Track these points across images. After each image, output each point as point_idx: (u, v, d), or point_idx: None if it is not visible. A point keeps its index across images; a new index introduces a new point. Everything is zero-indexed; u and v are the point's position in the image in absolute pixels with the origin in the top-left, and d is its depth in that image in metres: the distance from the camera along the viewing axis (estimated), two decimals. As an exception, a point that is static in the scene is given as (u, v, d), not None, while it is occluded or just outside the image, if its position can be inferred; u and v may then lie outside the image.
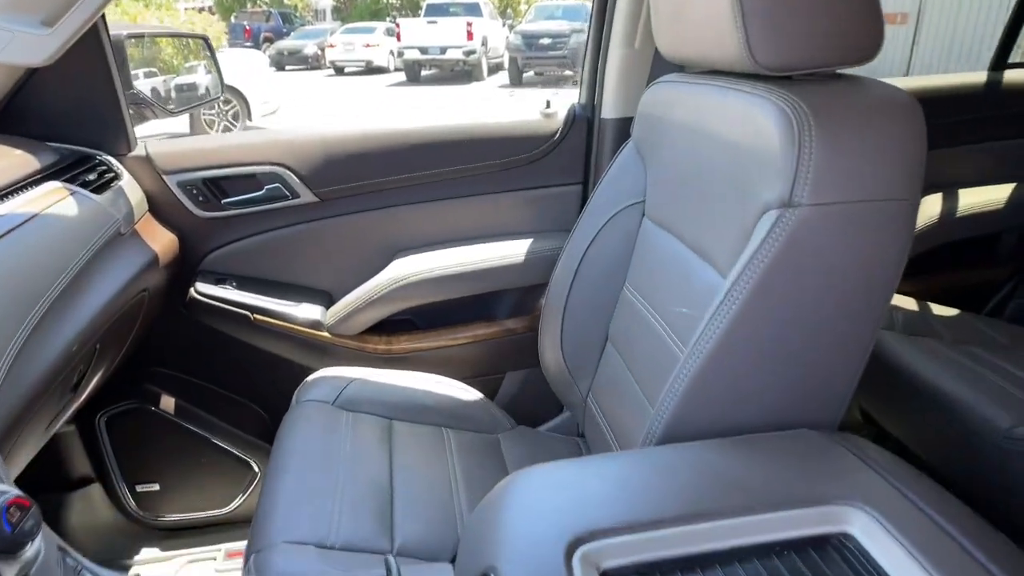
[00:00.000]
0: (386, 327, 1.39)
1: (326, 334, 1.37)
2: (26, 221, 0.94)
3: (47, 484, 1.37)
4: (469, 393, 1.27)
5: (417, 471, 1.07)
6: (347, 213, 1.37)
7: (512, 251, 1.38)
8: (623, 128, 1.30)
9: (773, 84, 0.80)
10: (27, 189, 1.02)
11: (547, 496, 0.70)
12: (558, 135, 1.37)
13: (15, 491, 0.59)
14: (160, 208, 1.30)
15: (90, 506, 1.42)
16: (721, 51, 0.83)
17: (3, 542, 0.54)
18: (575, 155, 1.40)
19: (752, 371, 0.77)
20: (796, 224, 0.71)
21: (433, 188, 1.38)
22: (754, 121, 0.78)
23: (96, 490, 1.43)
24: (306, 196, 1.33)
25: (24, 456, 0.95)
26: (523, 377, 1.48)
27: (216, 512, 1.47)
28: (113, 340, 1.14)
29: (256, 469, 1.46)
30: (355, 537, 0.93)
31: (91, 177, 1.16)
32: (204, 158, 1.29)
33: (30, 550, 0.57)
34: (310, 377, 1.24)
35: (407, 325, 1.44)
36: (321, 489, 0.99)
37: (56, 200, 1.02)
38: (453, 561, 0.94)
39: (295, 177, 1.31)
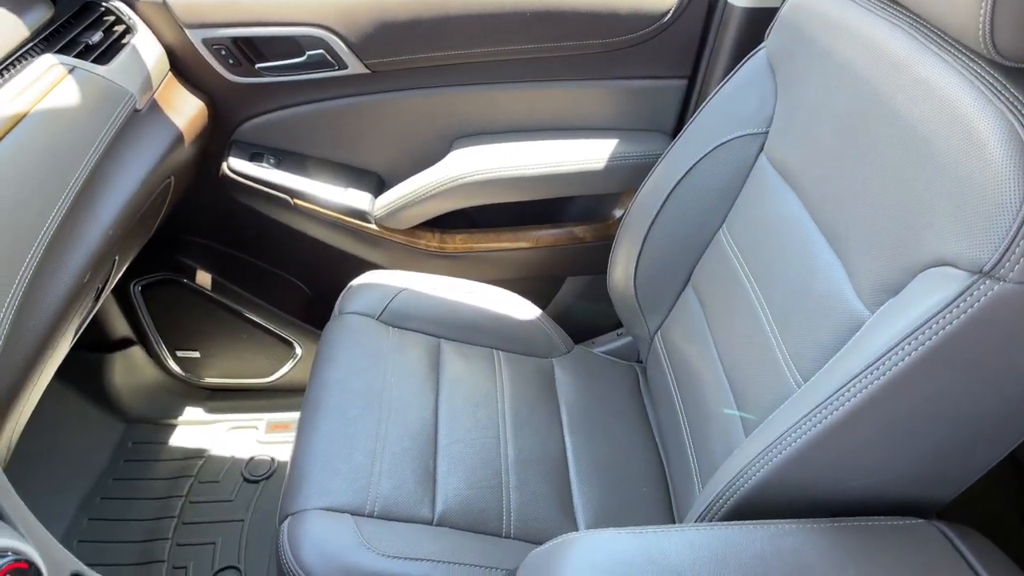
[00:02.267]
0: (440, 222, 1.24)
1: (374, 226, 1.23)
2: (14, 126, 0.78)
3: (86, 343, 1.34)
4: (525, 310, 1.15)
5: (464, 413, 0.99)
6: (402, 89, 1.15)
7: (592, 153, 1.17)
8: (755, 22, 1.02)
9: (996, 69, 0.56)
10: (13, 67, 0.85)
11: None
12: (669, 16, 1.09)
13: (14, 554, 0.51)
14: (184, 67, 1.11)
15: (132, 365, 1.40)
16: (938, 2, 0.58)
17: None
18: (686, 44, 1.12)
19: (876, 447, 0.63)
20: (989, 303, 0.52)
21: (505, 68, 1.14)
22: (961, 123, 0.55)
23: (137, 351, 1.40)
24: (355, 67, 1.11)
25: (51, 368, 0.88)
26: (584, 283, 1.34)
27: (258, 380, 1.45)
28: (134, 240, 1.02)
29: (298, 350, 1.41)
30: (395, 504, 0.87)
31: (95, 38, 0.96)
32: (233, 11, 1.06)
33: None
34: (354, 282, 1.13)
35: (463, 220, 1.28)
36: (361, 439, 0.92)
37: (51, 85, 0.85)
38: (493, 534, 0.89)
39: (342, 44, 1.08)
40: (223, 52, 1.09)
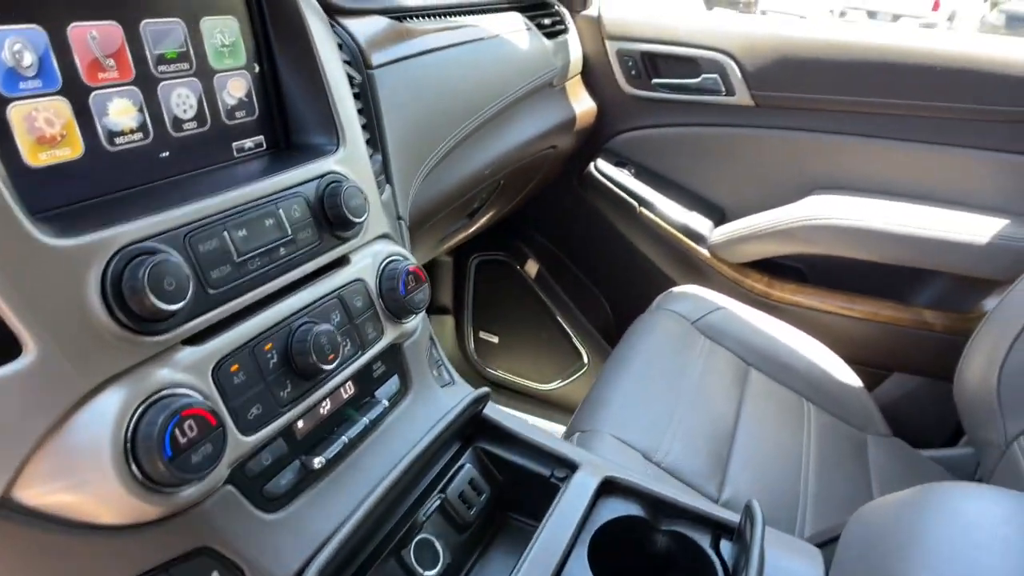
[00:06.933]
0: (771, 267, 1.22)
1: (706, 252, 1.24)
2: (487, 38, 0.95)
3: None
4: (845, 374, 1.05)
5: (766, 430, 0.92)
6: (776, 127, 1.19)
7: (970, 227, 1.08)
8: None
9: None
10: (494, 11, 1.05)
11: (990, 534, 0.50)
12: None
13: (415, 261, 0.58)
14: (591, 74, 1.27)
15: (440, 334, 1.53)
16: None
17: (396, 304, 0.53)
18: None
19: None
20: None
21: (885, 123, 1.12)
22: None
23: (448, 322, 1.53)
24: (742, 96, 1.18)
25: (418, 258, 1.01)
26: (914, 386, 1.20)
27: (536, 386, 1.49)
28: (512, 185, 1.15)
29: (585, 361, 1.43)
30: (683, 468, 0.81)
31: (545, 22, 1.15)
32: (651, 30, 1.21)
33: (413, 320, 0.55)
34: (676, 288, 1.14)
35: (794, 273, 1.24)
36: (659, 403, 0.89)
37: (513, 30, 1.03)
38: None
39: (737, 71, 1.16)
40: (629, 63, 1.23)
